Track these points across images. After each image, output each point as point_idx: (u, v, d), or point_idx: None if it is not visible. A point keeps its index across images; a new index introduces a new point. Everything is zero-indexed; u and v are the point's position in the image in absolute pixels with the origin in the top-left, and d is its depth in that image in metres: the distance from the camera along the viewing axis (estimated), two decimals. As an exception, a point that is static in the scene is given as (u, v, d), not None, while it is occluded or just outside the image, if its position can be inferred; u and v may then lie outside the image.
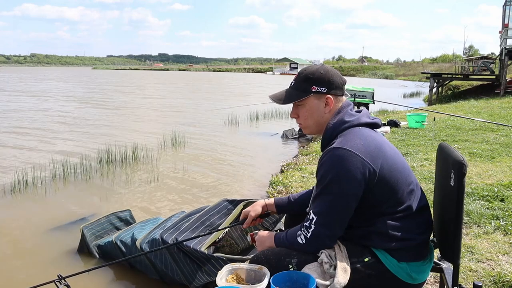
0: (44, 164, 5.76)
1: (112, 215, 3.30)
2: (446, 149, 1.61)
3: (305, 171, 5.07)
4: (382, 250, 1.52)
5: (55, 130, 9.20)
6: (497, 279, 2.25)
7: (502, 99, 14.23)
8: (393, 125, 8.25)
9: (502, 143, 6.11)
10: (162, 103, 16.94)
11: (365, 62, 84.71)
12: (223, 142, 8.11)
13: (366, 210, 1.52)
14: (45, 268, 2.95)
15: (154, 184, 5.10)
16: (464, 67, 24.97)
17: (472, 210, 3.25)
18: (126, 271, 2.81)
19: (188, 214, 2.74)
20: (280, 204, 1.96)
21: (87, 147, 7.13)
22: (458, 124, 8.19)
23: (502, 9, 17.54)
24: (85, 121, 10.74)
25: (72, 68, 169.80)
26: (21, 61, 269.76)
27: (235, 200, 2.56)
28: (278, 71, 75.66)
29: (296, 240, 1.55)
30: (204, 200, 4.53)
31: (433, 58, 77.16)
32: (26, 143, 7.61)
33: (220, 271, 1.57)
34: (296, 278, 1.46)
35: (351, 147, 1.47)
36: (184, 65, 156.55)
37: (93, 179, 5.30)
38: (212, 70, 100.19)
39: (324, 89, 1.61)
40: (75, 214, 4.01)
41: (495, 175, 4.40)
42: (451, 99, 17.84)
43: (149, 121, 11.45)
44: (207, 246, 2.27)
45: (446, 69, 34.24)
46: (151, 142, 7.41)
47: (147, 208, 4.27)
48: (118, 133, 8.98)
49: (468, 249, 2.65)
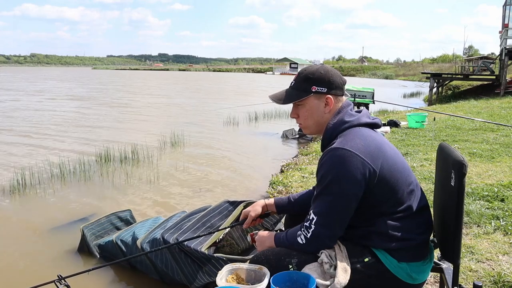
0: (44, 164, 5.76)
1: (112, 215, 3.30)
2: (446, 149, 1.61)
3: (305, 171, 5.07)
4: (382, 250, 1.52)
5: (55, 130, 9.20)
6: (497, 279, 2.25)
7: (502, 99, 14.23)
8: (393, 125, 8.25)
9: (502, 143, 6.10)
10: (162, 103, 16.94)
11: (365, 62, 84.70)
12: (223, 142, 8.11)
13: (366, 210, 1.52)
14: (45, 268, 2.95)
15: (154, 184, 5.10)
16: (464, 67, 24.96)
17: (472, 210, 3.25)
18: (126, 271, 2.81)
19: (189, 214, 2.74)
20: (280, 204, 1.96)
21: (87, 147, 7.13)
22: (458, 124, 8.19)
23: (502, 9, 17.54)
24: (85, 121, 10.74)
25: (72, 68, 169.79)
26: (21, 61, 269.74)
27: (236, 201, 2.56)
28: (278, 71, 75.65)
29: (296, 240, 1.55)
30: (204, 200, 4.53)
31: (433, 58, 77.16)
32: (26, 143, 7.61)
33: (220, 271, 1.57)
34: (296, 278, 1.46)
35: (351, 147, 1.47)
36: (184, 65, 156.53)
37: (93, 179, 5.31)
38: (212, 70, 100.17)
39: (324, 89, 1.61)
40: (75, 214, 4.01)
41: (495, 175, 4.40)
42: (451, 99, 17.83)
43: (149, 121, 11.45)
44: (207, 246, 2.28)
45: (446, 69, 34.24)
46: (151, 142, 7.41)
47: (147, 208, 4.27)
48: (118, 133, 8.98)
49: (468, 249, 2.65)
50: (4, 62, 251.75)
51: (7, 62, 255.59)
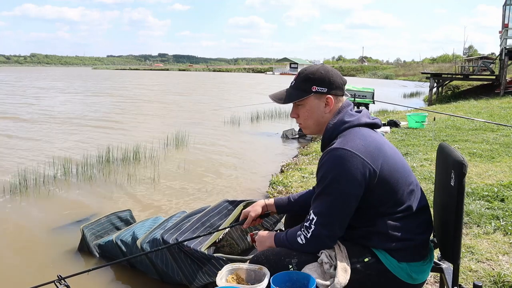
0: (45, 163, 5.76)
1: (112, 215, 3.30)
2: (446, 149, 1.61)
3: (305, 171, 5.07)
4: (382, 250, 1.52)
5: (56, 129, 9.20)
6: (497, 279, 2.25)
7: (502, 99, 14.22)
8: (393, 125, 8.25)
9: (502, 143, 6.10)
10: (162, 103, 16.93)
11: (365, 62, 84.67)
12: (223, 142, 8.11)
13: (366, 210, 1.52)
14: (45, 268, 2.95)
15: (155, 184, 5.10)
16: (464, 67, 24.94)
17: (472, 210, 3.25)
18: (126, 271, 2.81)
19: (188, 215, 2.74)
20: (280, 204, 1.96)
21: (88, 147, 7.12)
22: (458, 124, 8.19)
23: (502, 9, 17.53)
24: (85, 121, 10.73)
25: (72, 68, 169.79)
26: (21, 61, 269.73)
27: (235, 201, 2.56)
28: (278, 71, 75.65)
29: (296, 240, 1.55)
30: (204, 200, 4.53)
31: (433, 58, 77.08)
32: (26, 143, 7.61)
33: (220, 271, 1.57)
34: (296, 278, 1.46)
35: (351, 147, 1.47)
36: (184, 65, 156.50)
37: (93, 179, 5.30)
38: (212, 70, 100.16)
39: (325, 89, 1.61)
40: (75, 214, 4.01)
41: (495, 175, 4.40)
42: (451, 99, 17.83)
43: (149, 121, 11.44)
44: (207, 246, 2.28)
45: (446, 69, 34.22)
46: (152, 142, 7.41)
47: (148, 208, 4.27)
48: (119, 133, 8.98)
49: (468, 249, 2.65)
50: (4, 62, 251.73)
51: (7, 62, 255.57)
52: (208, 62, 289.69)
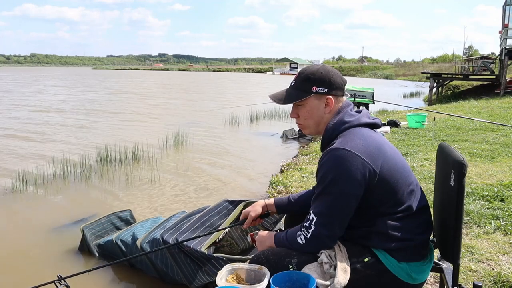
0: (44, 164, 5.75)
1: (112, 215, 3.30)
2: (446, 149, 1.61)
3: (305, 171, 5.07)
4: (382, 250, 1.52)
5: (56, 129, 9.20)
6: (497, 279, 2.25)
7: (502, 99, 14.22)
8: (393, 125, 8.25)
9: (502, 143, 6.10)
10: (162, 103, 16.92)
11: (365, 62, 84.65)
12: (223, 142, 8.11)
13: (366, 210, 1.52)
14: (45, 268, 2.95)
15: (154, 184, 5.10)
16: (464, 67, 24.94)
17: (472, 210, 3.25)
18: (126, 271, 2.81)
19: (188, 215, 2.74)
20: (280, 204, 1.96)
21: (88, 147, 7.13)
22: (458, 124, 8.19)
23: (502, 9, 17.53)
24: (85, 121, 10.74)
25: (72, 68, 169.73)
26: (21, 61, 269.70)
27: (235, 201, 2.56)
28: (278, 71, 75.62)
29: (296, 240, 1.55)
30: (205, 200, 4.53)
31: (433, 58, 77.02)
32: (25, 143, 7.61)
33: (220, 271, 1.57)
34: (296, 278, 1.46)
35: (351, 147, 1.47)
36: (184, 65, 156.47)
37: (93, 179, 5.31)
38: (212, 70, 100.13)
39: (325, 89, 1.61)
40: (75, 214, 4.01)
41: (495, 175, 4.40)
42: (451, 99, 17.82)
43: (149, 121, 11.44)
44: (207, 246, 2.28)
45: (446, 69, 34.20)
46: (151, 142, 7.41)
47: (148, 208, 4.27)
48: (119, 133, 8.98)
49: (468, 249, 2.65)
50: (4, 62, 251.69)
51: (7, 62, 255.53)
52: (208, 62, 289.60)
